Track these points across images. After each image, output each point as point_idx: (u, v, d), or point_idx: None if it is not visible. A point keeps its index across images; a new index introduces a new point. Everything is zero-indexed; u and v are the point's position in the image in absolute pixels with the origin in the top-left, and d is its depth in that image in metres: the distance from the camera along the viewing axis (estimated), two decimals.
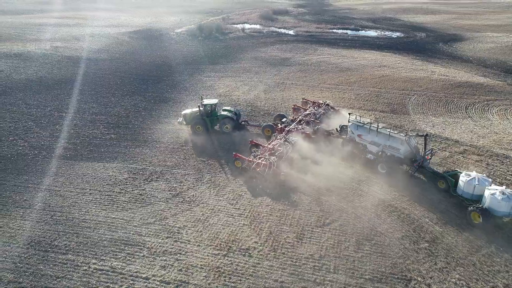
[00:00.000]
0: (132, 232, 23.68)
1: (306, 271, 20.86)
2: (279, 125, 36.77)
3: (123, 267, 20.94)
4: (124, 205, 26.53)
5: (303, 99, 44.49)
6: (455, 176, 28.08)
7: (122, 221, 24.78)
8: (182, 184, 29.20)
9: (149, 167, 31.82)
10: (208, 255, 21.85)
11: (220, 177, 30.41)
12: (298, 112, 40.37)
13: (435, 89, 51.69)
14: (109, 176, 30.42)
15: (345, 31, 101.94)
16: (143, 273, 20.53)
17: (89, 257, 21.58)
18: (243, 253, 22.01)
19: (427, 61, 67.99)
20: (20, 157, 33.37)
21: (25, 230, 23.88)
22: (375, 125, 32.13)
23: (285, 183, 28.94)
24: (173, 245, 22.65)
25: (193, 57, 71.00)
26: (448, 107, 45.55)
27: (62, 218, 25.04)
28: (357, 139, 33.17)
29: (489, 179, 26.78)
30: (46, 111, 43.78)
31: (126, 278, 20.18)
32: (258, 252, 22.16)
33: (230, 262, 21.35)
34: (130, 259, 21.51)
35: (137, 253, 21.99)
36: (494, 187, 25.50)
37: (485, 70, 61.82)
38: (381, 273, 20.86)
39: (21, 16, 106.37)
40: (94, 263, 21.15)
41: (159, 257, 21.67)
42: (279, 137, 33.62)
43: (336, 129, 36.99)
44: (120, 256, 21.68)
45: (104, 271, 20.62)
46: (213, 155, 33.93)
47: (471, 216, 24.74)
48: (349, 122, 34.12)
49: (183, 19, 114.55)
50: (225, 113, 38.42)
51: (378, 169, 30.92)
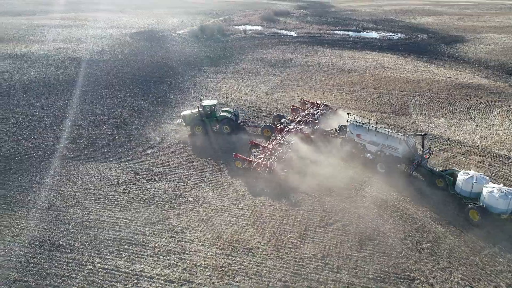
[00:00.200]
0: (136, 232, 23.83)
1: (309, 271, 20.98)
2: (278, 125, 37.02)
3: (127, 266, 21.08)
4: (127, 205, 26.69)
5: (301, 99, 44.89)
6: (453, 175, 28.42)
7: (126, 220, 24.93)
8: (185, 184, 29.35)
9: (152, 167, 31.98)
10: (211, 255, 21.98)
11: (223, 177, 30.56)
12: (297, 113, 40.69)
13: (437, 90, 51.80)
14: (112, 176, 30.58)
15: (346, 32, 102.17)
16: (148, 272, 20.68)
17: (94, 256, 21.73)
18: (247, 253, 22.14)
19: (429, 62, 68.12)
20: (24, 157, 33.56)
21: (29, 229, 24.05)
22: (374, 125, 32.38)
23: (286, 183, 29.07)
24: (176, 244, 22.79)
25: (195, 58, 71.19)
26: (450, 108, 45.65)
27: (67, 218, 25.20)
28: (356, 139, 33.43)
29: (486, 177, 27.12)
30: (49, 111, 44.00)
31: (131, 277, 20.32)
32: (262, 251, 22.29)
33: (233, 262, 21.47)
34: (134, 258, 21.66)
35: (141, 252, 22.13)
36: (492, 185, 25.85)
37: (487, 72, 61.92)
38: (384, 272, 20.97)
39: (23, 18, 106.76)
40: (99, 262, 21.30)
41: (163, 256, 21.81)
42: (278, 137, 33.85)
43: (335, 129, 37.21)
44: (124, 256, 21.83)
45: (109, 270, 20.77)
46: (214, 155, 34.07)
47: (470, 214, 25.07)
48: (348, 122, 34.40)
49: (184, 20, 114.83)
50: (224, 114, 38.62)
51: (377, 168, 31.20)
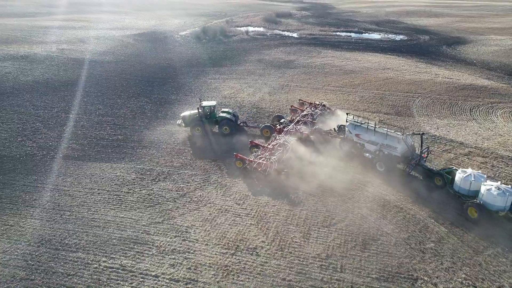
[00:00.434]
0: (140, 231, 24.00)
1: (313, 270, 21.10)
2: (277, 125, 37.23)
3: (132, 265, 21.25)
4: (132, 204, 26.87)
5: (299, 100, 45.32)
6: (451, 173, 28.81)
7: (130, 220, 25.11)
8: (189, 185, 29.52)
9: (156, 167, 32.16)
10: (216, 254, 22.13)
11: (226, 177, 30.71)
12: (296, 113, 41.01)
13: (439, 92, 51.89)
14: (117, 176, 30.77)
15: (348, 34, 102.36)
16: (153, 271, 20.84)
17: (99, 255, 21.90)
18: (251, 252, 22.27)
19: (431, 63, 68.21)
20: (28, 157, 33.78)
21: (35, 228, 24.25)
22: (373, 125, 32.62)
23: (289, 183, 29.28)
24: (181, 244, 22.95)
25: (198, 59, 71.42)
26: (452, 110, 45.74)
27: (72, 217, 25.40)
28: (355, 138, 33.72)
29: (484, 175, 27.44)
30: (53, 112, 44.25)
31: (136, 276, 20.48)
32: (266, 251, 22.42)
33: (238, 261, 21.61)
34: (139, 257, 21.82)
35: (146, 251, 22.29)
36: (489, 182, 26.18)
37: (489, 73, 61.99)
38: (388, 272, 21.07)
39: (27, 19, 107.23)
40: (104, 261, 21.47)
41: (168, 255, 21.96)
42: (278, 137, 34.12)
43: (334, 129, 37.47)
44: (129, 255, 21.99)
45: (114, 269, 20.93)
46: (216, 156, 34.32)
47: (468, 211, 25.46)
48: (346, 122, 34.65)
49: (187, 21, 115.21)
50: (223, 114, 38.93)
51: (377, 167, 31.48)
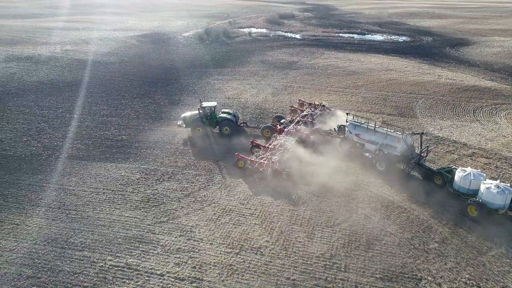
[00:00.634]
0: (146, 230, 24.17)
1: (318, 270, 21.19)
2: (277, 126, 37.41)
3: (138, 263, 21.40)
4: (137, 204, 27.05)
5: (299, 100, 45.66)
6: (450, 172, 29.15)
7: (135, 219, 25.28)
8: (193, 184, 29.67)
9: (161, 167, 32.34)
10: (221, 253, 22.26)
11: (230, 177, 30.85)
12: (295, 114, 41.26)
13: (442, 93, 51.92)
14: (121, 176, 30.96)
15: (351, 35, 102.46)
16: (158, 269, 20.98)
17: (105, 254, 22.07)
18: (255, 252, 22.39)
19: (434, 65, 68.21)
20: (34, 157, 34.03)
21: (41, 227, 24.44)
22: (372, 124, 32.81)
23: (291, 183, 29.42)
24: (186, 243, 23.09)
25: (201, 60, 71.68)
26: (455, 111, 45.76)
27: (77, 216, 25.59)
28: (355, 138, 33.93)
29: (483, 174, 27.69)
30: (58, 112, 44.55)
31: (142, 275, 20.63)
32: (270, 250, 22.53)
33: (242, 260, 21.73)
34: (144, 256, 21.98)
35: (151, 250, 22.44)
36: (489, 181, 26.44)
37: (492, 74, 61.96)
38: (392, 272, 21.15)
39: (31, 20, 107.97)
40: (110, 260, 21.63)
41: (173, 254, 22.11)
42: (278, 137, 34.35)
43: (334, 129, 37.66)
44: (135, 253, 22.15)
45: (120, 268, 21.09)
46: (219, 156, 34.46)
47: (468, 209, 25.73)
48: (346, 122, 34.83)
49: (190, 23, 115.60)
50: (224, 115, 39.17)
51: (377, 166, 31.69)
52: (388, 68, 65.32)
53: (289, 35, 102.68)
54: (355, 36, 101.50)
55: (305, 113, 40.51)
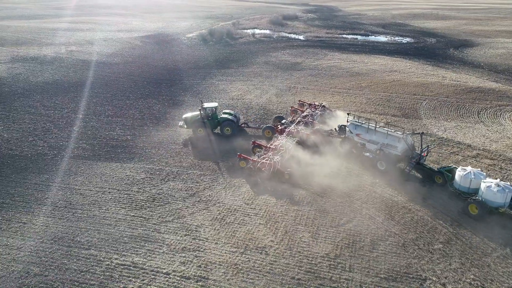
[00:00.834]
0: (151, 230, 24.35)
1: (322, 270, 21.29)
2: (279, 126, 37.63)
3: (144, 262, 21.57)
4: (142, 203, 27.24)
5: (299, 101, 45.90)
6: (451, 172, 29.45)
7: (141, 218, 25.47)
8: (198, 184, 29.85)
9: (166, 167, 32.53)
10: (226, 253, 22.40)
11: (235, 178, 31.00)
12: (296, 114, 41.49)
13: (446, 94, 51.88)
14: (126, 176, 31.18)
15: (355, 36, 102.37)
16: (164, 268, 21.14)
17: (111, 253, 22.26)
18: (260, 251, 22.51)
19: (438, 66, 68.14)
20: (40, 157, 34.32)
21: (48, 226, 24.68)
22: (373, 124, 32.96)
23: (295, 183, 29.57)
24: (191, 242, 23.25)
25: (205, 61, 71.90)
26: (460, 112, 45.73)
27: (83, 215, 25.81)
28: (355, 138, 34.11)
29: (483, 172, 27.92)
30: (63, 113, 44.86)
31: (148, 273, 20.80)
32: (275, 250, 22.65)
33: (247, 260, 21.85)
34: (150, 255, 22.15)
35: (157, 249, 22.61)
36: (489, 180, 26.62)
37: (497, 76, 61.82)
38: (396, 272, 21.21)
39: (36, 21, 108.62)
40: (116, 258, 21.81)
41: (179, 253, 22.26)
42: (280, 137, 34.58)
43: (335, 129, 37.82)
44: (140, 252, 22.32)
45: (126, 266, 21.27)
46: (221, 156, 34.64)
47: (469, 208, 25.94)
48: (347, 122, 35.01)
49: (193, 24, 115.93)
50: (225, 116, 39.39)
51: (378, 166, 31.86)
52: (392, 69, 65.31)
53: (293, 36, 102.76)
54: (359, 37, 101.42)
55: (305, 113, 40.74)
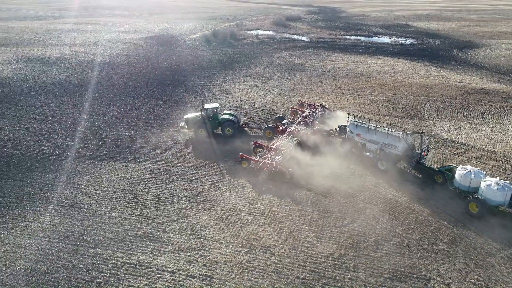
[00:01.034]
0: (156, 229, 24.53)
1: (327, 269, 21.39)
2: (279, 126, 37.77)
3: (149, 261, 21.74)
4: (147, 203, 27.43)
5: (299, 101, 46.16)
6: (451, 171, 29.74)
7: (146, 218, 25.66)
8: (202, 184, 30.02)
9: (170, 167, 32.72)
10: (230, 252, 22.54)
11: (239, 178, 31.14)
12: (296, 114, 41.74)
13: (450, 95, 51.86)
14: (132, 175, 31.38)
15: (358, 37, 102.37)
16: (169, 267, 21.31)
17: (117, 251, 22.44)
18: (265, 251, 22.64)
19: (442, 67, 68.08)
20: (45, 156, 34.58)
21: (54, 225, 24.90)
22: (374, 124, 33.11)
23: (299, 184, 29.73)
24: (196, 241, 23.41)
25: (208, 62, 72.11)
26: (463, 113, 45.71)
27: (89, 215, 26.02)
28: (356, 138, 34.30)
29: (483, 171, 28.17)
30: (68, 113, 45.16)
31: (153, 272, 20.97)
32: (279, 250, 22.77)
33: (252, 259, 21.98)
34: (156, 254, 22.32)
35: (162, 248, 22.78)
36: (489, 178, 26.93)
37: (501, 77, 61.71)
38: (400, 272, 21.28)
39: (40, 22, 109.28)
40: (122, 257, 21.99)
41: (184, 252, 22.43)
42: (281, 138, 34.81)
43: (335, 129, 37.93)
44: (146, 251, 22.50)
45: (132, 265, 21.45)
46: (223, 157, 34.79)
47: (469, 206, 26.21)
48: (348, 122, 35.12)
49: (197, 25, 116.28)
50: (226, 116, 39.61)
51: (378, 165, 32.06)
52: (396, 70, 65.32)
53: (296, 37, 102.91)
54: (362, 38, 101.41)
55: (305, 114, 40.94)
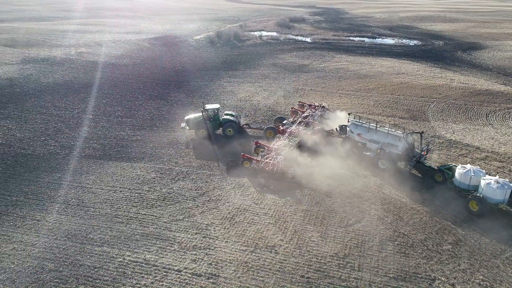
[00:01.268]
0: (162, 228, 24.74)
1: (331, 269, 21.50)
2: (280, 126, 37.99)
3: (156, 259, 21.95)
4: (153, 202, 27.66)
5: (299, 102, 46.43)
6: (451, 170, 30.03)
7: (152, 217, 25.88)
8: (208, 184, 30.22)
9: (175, 167, 32.95)
10: (236, 251, 22.70)
11: (243, 178, 31.31)
12: (296, 115, 41.97)
13: (454, 97, 51.83)
14: (137, 175, 31.62)
15: (362, 38, 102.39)
16: (175, 265, 21.50)
17: (124, 250, 22.67)
18: (270, 250, 22.79)
19: (446, 69, 68.02)
20: (52, 156, 34.90)
21: (61, 223, 25.17)
22: (374, 124, 33.30)
23: (303, 184, 29.90)
24: (202, 240, 23.59)
25: (212, 63, 72.38)
26: (468, 114, 45.69)
27: (96, 213, 26.27)
28: (356, 138, 34.45)
29: (483, 170, 28.46)
30: (74, 113, 45.53)
31: (159, 270, 21.17)
32: (284, 249, 22.91)
33: (257, 258, 22.14)
34: (162, 252, 22.53)
35: (168, 247, 22.98)
36: (488, 177, 27.16)
37: (505, 78, 61.58)
38: (405, 272, 21.36)
39: (45, 23, 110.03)
40: (129, 255, 22.22)
41: (189, 251, 22.61)
42: (282, 138, 35.03)
43: (336, 129, 38.04)
44: (152, 250, 22.71)
45: (138, 263, 21.66)
46: (225, 157, 34.98)
47: (469, 204, 26.45)
48: (348, 122, 35.25)
49: (201, 26, 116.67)
50: (227, 117, 39.84)
51: (379, 165, 32.28)
52: (400, 71, 65.33)
53: (300, 38, 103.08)
54: (366, 39, 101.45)
55: (305, 114, 41.12)
